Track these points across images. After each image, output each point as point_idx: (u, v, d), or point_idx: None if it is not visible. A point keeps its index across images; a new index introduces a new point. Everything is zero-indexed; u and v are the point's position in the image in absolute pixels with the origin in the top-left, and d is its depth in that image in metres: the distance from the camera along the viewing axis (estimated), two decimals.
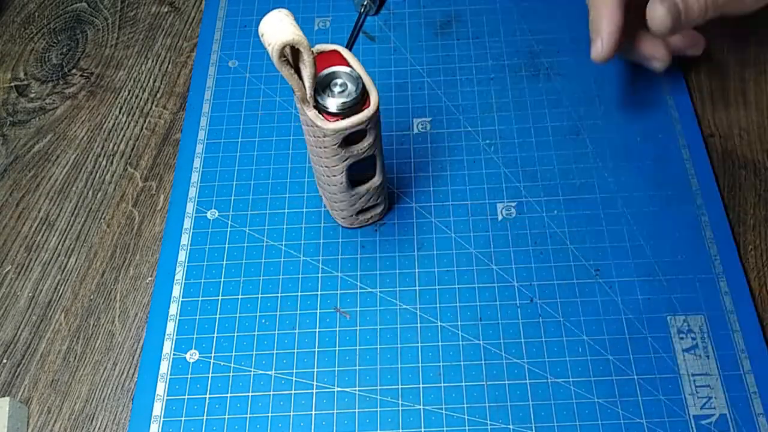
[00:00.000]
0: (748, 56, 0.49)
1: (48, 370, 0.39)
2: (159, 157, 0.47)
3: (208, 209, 0.44)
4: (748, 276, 0.40)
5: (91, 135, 0.49)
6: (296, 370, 0.38)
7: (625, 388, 0.37)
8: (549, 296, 0.40)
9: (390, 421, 0.36)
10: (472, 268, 0.41)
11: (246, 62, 0.50)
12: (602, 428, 0.36)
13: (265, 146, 0.46)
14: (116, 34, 0.54)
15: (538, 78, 0.48)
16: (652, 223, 0.42)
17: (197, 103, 0.48)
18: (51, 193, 0.46)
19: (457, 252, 0.41)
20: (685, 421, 0.36)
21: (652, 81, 0.47)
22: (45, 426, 0.38)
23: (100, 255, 0.43)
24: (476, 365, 0.38)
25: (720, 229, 0.41)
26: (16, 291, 0.42)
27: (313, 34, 0.51)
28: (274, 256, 0.42)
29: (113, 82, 0.51)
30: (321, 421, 0.37)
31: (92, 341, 0.40)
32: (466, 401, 0.37)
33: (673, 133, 0.45)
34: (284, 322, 0.40)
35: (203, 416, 0.37)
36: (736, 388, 0.36)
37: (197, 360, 0.39)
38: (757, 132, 0.46)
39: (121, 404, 0.38)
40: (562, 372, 0.37)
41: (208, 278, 0.41)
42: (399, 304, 0.40)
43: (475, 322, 0.39)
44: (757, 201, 0.43)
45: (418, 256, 0.41)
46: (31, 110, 0.50)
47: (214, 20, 0.53)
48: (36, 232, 0.44)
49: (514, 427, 0.36)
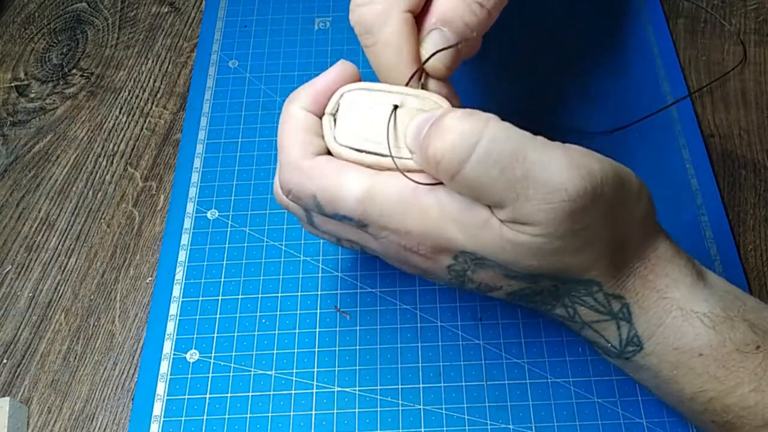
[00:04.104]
0: (748, 56, 0.49)
1: (48, 370, 0.39)
2: (159, 157, 0.47)
3: (208, 209, 0.44)
4: (748, 276, 0.40)
5: (92, 135, 0.49)
6: (296, 370, 0.38)
7: (625, 388, 0.37)
8: None
9: (390, 421, 0.36)
10: None
11: (246, 62, 0.50)
12: (602, 428, 0.36)
13: (265, 146, 0.46)
14: (116, 34, 0.54)
15: (536, 74, 0.48)
16: None
17: (197, 103, 0.48)
18: (51, 193, 0.46)
19: None
20: (685, 422, 0.36)
21: (652, 81, 0.47)
22: (45, 426, 0.38)
23: (101, 255, 0.43)
24: (476, 365, 0.38)
25: (720, 229, 0.41)
26: (16, 291, 0.42)
27: (313, 34, 0.51)
28: (274, 256, 0.42)
29: (113, 82, 0.51)
30: (321, 421, 0.37)
31: (92, 341, 0.40)
32: (466, 401, 0.37)
33: (673, 133, 0.45)
34: (284, 322, 0.40)
35: (203, 416, 0.37)
36: None
37: (197, 360, 0.39)
38: (757, 132, 0.46)
39: (121, 404, 0.38)
40: (562, 372, 0.37)
41: (208, 278, 0.41)
42: (399, 304, 0.40)
43: (475, 322, 0.39)
44: (757, 201, 0.43)
45: None
46: (32, 110, 0.50)
47: (214, 20, 0.53)
48: (36, 232, 0.44)
49: (514, 427, 0.36)
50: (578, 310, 0.31)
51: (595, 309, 0.31)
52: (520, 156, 0.26)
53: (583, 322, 0.32)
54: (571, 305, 0.31)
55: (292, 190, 0.31)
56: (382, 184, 0.29)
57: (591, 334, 0.32)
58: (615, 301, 0.30)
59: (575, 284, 0.30)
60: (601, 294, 0.30)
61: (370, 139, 0.30)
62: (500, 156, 0.26)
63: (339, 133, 0.30)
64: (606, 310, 0.31)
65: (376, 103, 0.30)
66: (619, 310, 0.30)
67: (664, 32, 0.50)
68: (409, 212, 0.29)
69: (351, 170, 0.29)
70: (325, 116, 0.31)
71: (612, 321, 0.31)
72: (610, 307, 0.30)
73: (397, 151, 0.29)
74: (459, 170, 0.26)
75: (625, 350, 0.31)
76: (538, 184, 0.26)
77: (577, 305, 0.31)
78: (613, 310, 0.30)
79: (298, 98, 0.31)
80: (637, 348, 0.31)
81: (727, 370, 0.29)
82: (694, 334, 0.29)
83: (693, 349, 0.29)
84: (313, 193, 0.30)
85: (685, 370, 0.30)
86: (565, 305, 0.32)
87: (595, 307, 0.31)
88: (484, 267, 0.30)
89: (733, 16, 0.51)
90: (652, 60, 0.49)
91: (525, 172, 0.26)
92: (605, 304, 0.30)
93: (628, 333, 0.31)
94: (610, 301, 0.30)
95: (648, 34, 0.50)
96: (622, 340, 0.31)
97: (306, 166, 0.30)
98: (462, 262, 0.30)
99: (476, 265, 0.30)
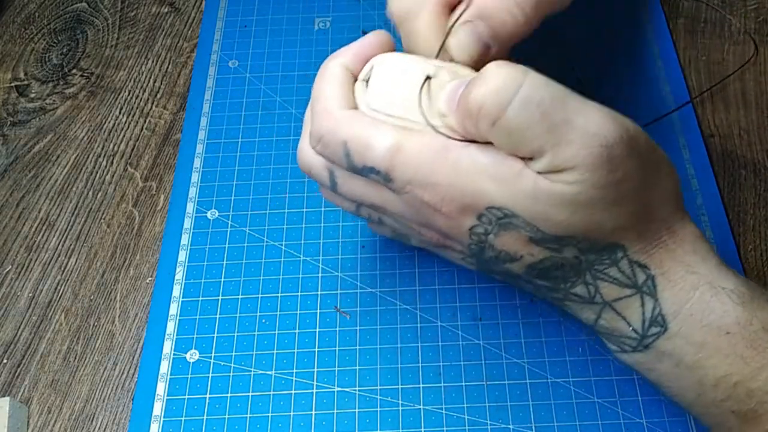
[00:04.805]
0: (746, 56, 0.49)
1: (48, 370, 0.39)
2: (159, 157, 0.47)
3: (208, 209, 0.44)
4: (748, 276, 0.40)
5: (92, 135, 0.49)
6: (296, 370, 0.38)
7: (625, 388, 0.37)
8: None
9: (390, 421, 0.36)
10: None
11: (246, 62, 0.50)
12: (602, 428, 0.36)
13: (265, 146, 0.46)
14: (116, 34, 0.54)
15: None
16: None
17: (197, 103, 0.49)
18: (51, 193, 0.46)
19: None
20: (685, 422, 0.36)
21: (652, 82, 0.47)
22: (45, 426, 0.38)
23: (101, 255, 0.43)
24: (476, 365, 0.38)
25: (720, 229, 0.41)
26: (16, 291, 0.42)
27: (313, 34, 0.51)
28: (274, 256, 0.42)
29: (113, 82, 0.51)
30: (321, 421, 0.37)
31: (92, 341, 0.40)
32: (466, 401, 0.37)
33: (673, 133, 0.45)
34: (284, 322, 0.40)
35: (203, 416, 0.37)
36: None
37: (197, 360, 0.39)
38: (757, 132, 0.46)
39: (121, 404, 0.38)
40: (562, 372, 0.37)
41: (208, 278, 0.41)
42: (399, 304, 0.40)
43: (475, 322, 0.39)
44: (757, 201, 0.43)
45: (419, 255, 0.41)
46: (32, 110, 0.50)
47: (214, 20, 0.53)
48: (36, 232, 0.44)
49: (514, 427, 0.36)
50: (600, 287, 0.31)
51: (618, 282, 0.30)
52: (561, 101, 0.27)
53: (604, 302, 0.31)
54: (592, 282, 0.31)
55: (323, 137, 0.31)
56: (412, 140, 0.29)
57: (610, 320, 0.31)
58: (640, 270, 0.30)
59: (600, 252, 0.30)
60: (626, 261, 0.30)
61: (401, 107, 0.30)
62: (542, 99, 0.27)
63: (371, 99, 0.31)
64: (631, 281, 0.30)
65: (409, 73, 0.31)
66: (644, 282, 0.30)
67: (664, 32, 0.50)
68: (438, 164, 0.29)
69: (384, 125, 0.30)
70: (359, 82, 0.32)
71: (636, 296, 0.30)
72: (635, 278, 0.30)
73: (429, 120, 0.30)
74: (501, 115, 0.27)
75: (648, 333, 0.31)
76: (577, 129, 0.27)
77: (599, 281, 0.31)
78: (638, 281, 0.30)
79: (340, 55, 0.32)
80: (662, 329, 0.30)
81: (754, 350, 0.29)
82: (723, 311, 0.29)
83: (721, 327, 0.29)
84: (345, 139, 0.30)
85: (712, 351, 0.29)
86: (586, 282, 0.31)
87: (619, 280, 0.30)
88: (508, 228, 0.29)
89: (733, 16, 0.51)
90: (652, 60, 0.49)
91: (565, 117, 0.27)
92: (630, 274, 0.30)
93: (652, 311, 0.30)
94: (635, 270, 0.30)
95: (648, 34, 0.50)
96: (645, 320, 0.30)
97: (340, 115, 0.31)
98: (486, 222, 0.29)
99: (500, 226, 0.29)
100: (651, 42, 0.50)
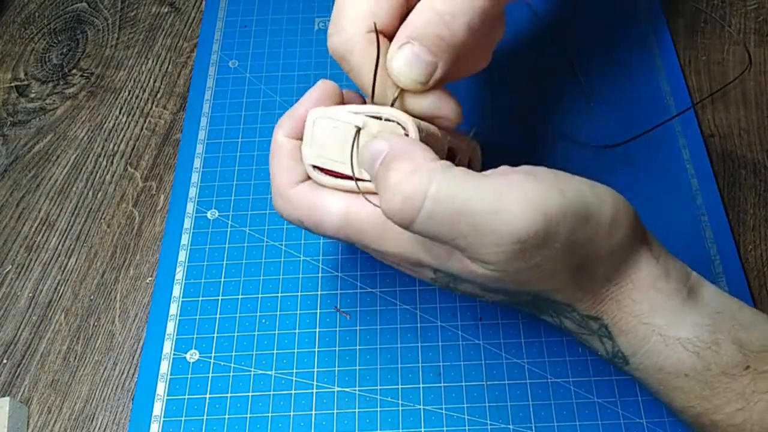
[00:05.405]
0: (748, 56, 0.49)
1: (48, 370, 0.39)
2: (159, 157, 0.47)
3: (208, 209, 0.44)
4: (747, 276, 0.40)
5: (92, 135, 0.49)
6: (296, 370, 0.38)
7: (625, 388, 0.37)
8: None
9: (390, 421, 0.36)
10: None
11: (246, 62, 0.50)
12: (602, 428, 0.36)
13: (265, 146, 0.46)
14: (116, 34, 0.54)
15: (534, 76, 0.48)
16: (652, 223, 0.41)
17: (197, 103, 0.48)
18: (51, 193, 0.46)
19: None
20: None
21: (652, 82, 0.47)
22: (45, 426, 0.38)
23: (100, 255, 0.43)
24: (476, 365, 0.38)
25: (720, 229, 0.41)
26: (16, 291, 0.42)
27: (313, 34, 0.51)
28: (274, 256, 0.42)
29: (113, 82, 0.51)
30: (321, 421, 0.37)
31: (92, 341, 0.40)
32: (466, 401, 0.37)
33: (673, 133, 0.45)
34: (284, 322, 0.40)
35: (203, 416, 0.37)
36: None
37: (197, 360, 0.39)
38: (757, 132, 0.46)
39: (121, 404, 0.38)
40: (562, 372, 0.37)
41: (208, 278, 0.41)
42: (399, 304, 0.40)
43: (475, 322, 0.39)
44: (757, 201, 0.43)
45: None
46: (32, 110, 0.50)
47: (214, 20, 0.53)
48: (36, 232, 0.44)
49: (514, 427, 0.36)
50: (563, 321, 0.32)
51: (577, 323, 0.31)
52: (466, 211, 0.26)
53: (570, 331, 0.32)
54: (556, 316, 0.32)
55: (282, 215, 0.33)
56: (357, 210, 0.30)
57: (584, 340, 0.32)
58: (592, 321, 0.30)
59: (552, 303, 0.30)
60: (577, 314, 0.30)
61: (338, 162, 0.31)
62: (444, 215, 0.27)
63: (311, 158, 0.31)
64: (585, 328, 0.31)
65: (339, 128, 0.31)
66: (597, 329, 0.30)
67: (664, 32, 0.50)
68: (383, 235, 0.30)
69: (329, 196, 0.31)
70: (303, 143, 0.32)
71: (594, 335, 0.31)
72: (588, 326, 0.30)
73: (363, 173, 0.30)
74: (411, 225, 0.27)
75: (613, 361, 0.31)
76: (486, 233, 0.26)
77: (561, 317, 0.31)
78: (593, 328, 0.30)
79: (282, 126, 0.32)
80: (623, 362, 0.31)
81: (713, 391, 0.28)
82: (677, 359, 0.29)
83: (678, 370, 0.29)
84: (299, 218, 0.31)
85: (671, 388, 0.30)
86: (551, 315, 0.32)
87: (577, 321, 0.31)
88: (462, 282, 0.31)
89: (733, 16, 0.51)
90: (652, 60, 0.49)
91: (472, 225, 0.26)
92: (583, 324, 0.30)
93: (612, 348, 0.31)
94: (587, 321, 0.30)
95: (648, 34, 0.50)
96: (608, 352, 0.31)
97: (290, 195, 0.32)
98: (442, 276, 0.31)
99: (455, 280, 0.31)
100: (651, 42, 0.50)
